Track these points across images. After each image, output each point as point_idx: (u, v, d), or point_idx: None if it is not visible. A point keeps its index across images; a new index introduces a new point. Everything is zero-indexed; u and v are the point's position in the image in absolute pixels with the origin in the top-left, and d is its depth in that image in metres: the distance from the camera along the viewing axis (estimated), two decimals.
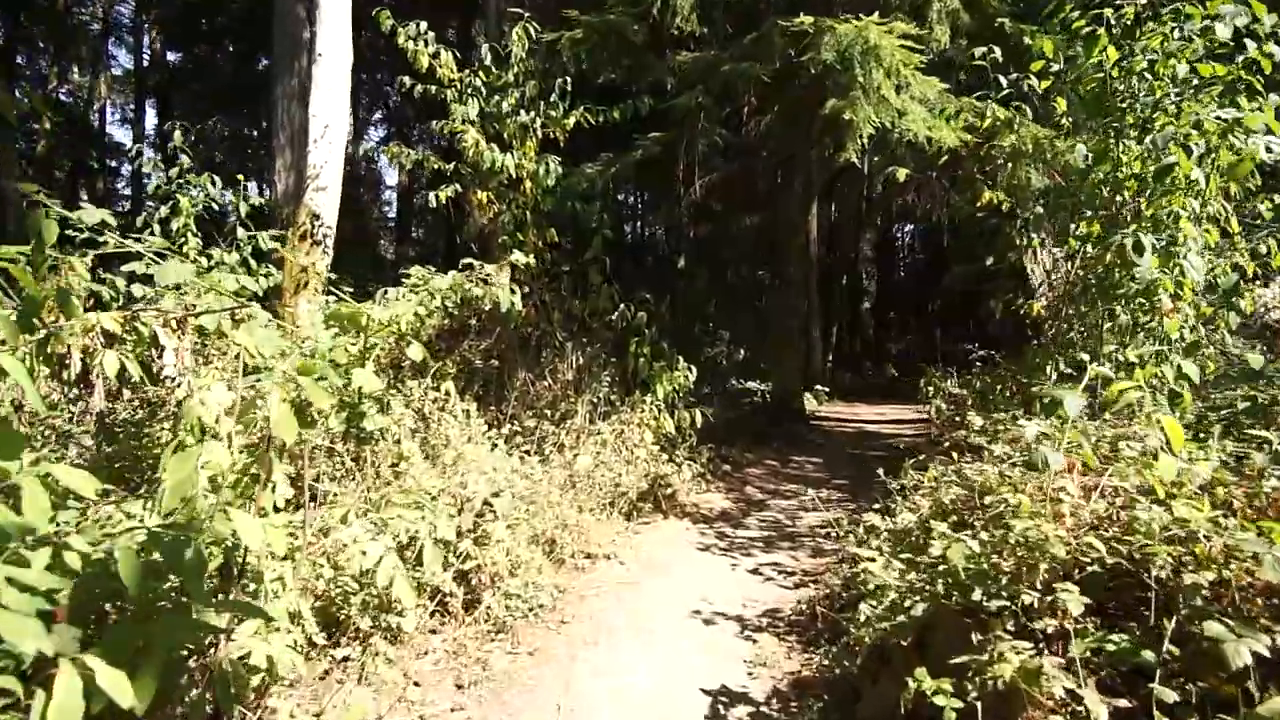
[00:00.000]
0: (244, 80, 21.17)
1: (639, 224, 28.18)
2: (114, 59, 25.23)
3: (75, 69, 23.75)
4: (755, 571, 4.89)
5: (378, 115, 26.79)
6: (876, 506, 4.95)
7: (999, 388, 6.35)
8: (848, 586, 4.18)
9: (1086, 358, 6.36)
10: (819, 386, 14.53)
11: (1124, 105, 4.80)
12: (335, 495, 3.78)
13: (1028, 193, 6.70)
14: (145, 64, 23.84)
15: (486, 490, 4.37)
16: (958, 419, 5.71)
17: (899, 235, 33.46)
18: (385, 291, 5.59)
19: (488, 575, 4.18)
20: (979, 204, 5.85)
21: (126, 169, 25.39)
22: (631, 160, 10.41)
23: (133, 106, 25.69)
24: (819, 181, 15.40)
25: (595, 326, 7.26)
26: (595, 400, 6.75)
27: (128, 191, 25.05)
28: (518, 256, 4.62)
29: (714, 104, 8.56)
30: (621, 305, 6.90)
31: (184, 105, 22.21)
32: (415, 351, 4.21)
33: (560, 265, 7.56)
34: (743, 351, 13.59)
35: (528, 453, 6.28)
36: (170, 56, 23.82)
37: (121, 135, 27.07)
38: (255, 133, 23.20)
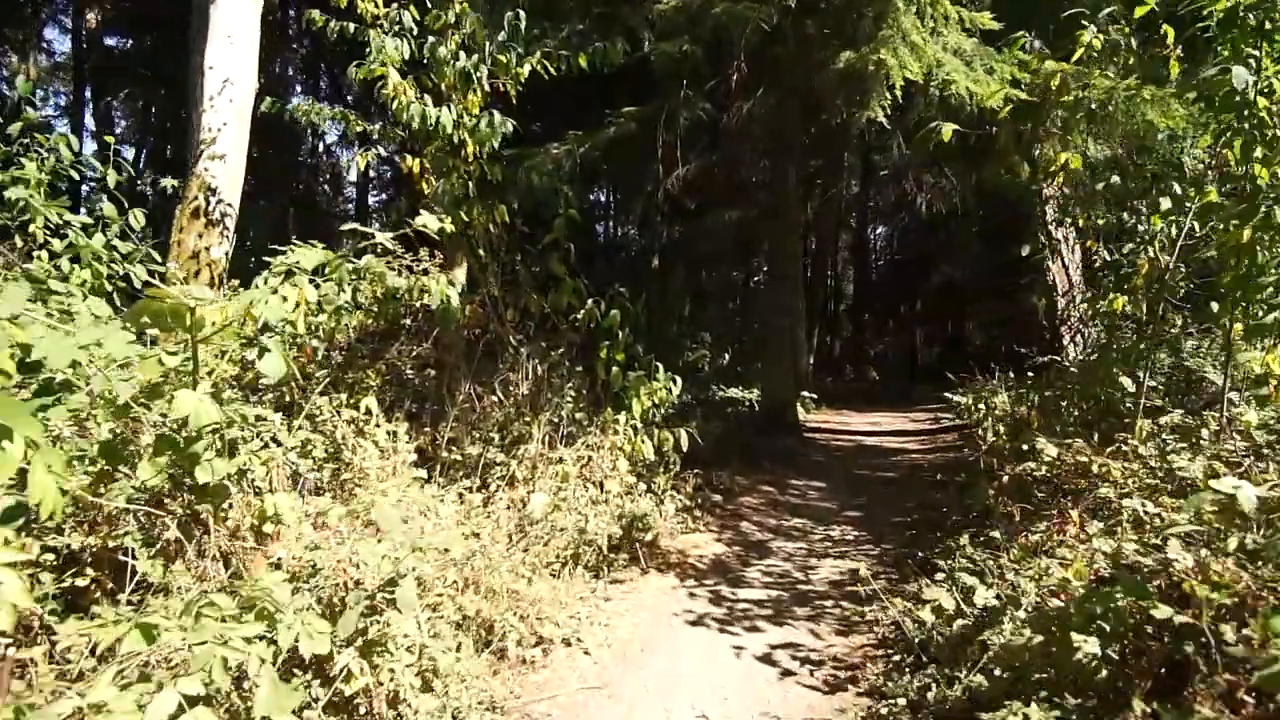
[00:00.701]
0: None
1: (611, 223, 26.78)
2: (48, 43, 23.20)
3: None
4: (768, 659, 3.52)
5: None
6: (939, 576, 3.63)
7: (1065, 404, 5.05)
8: (913, 703, 2.84)
9: (1208, 367, 5.14)
10: (805, 393, 13.24)
11: None
12: (102, 615, 2.34)
13: (1079, 173, 5.43)
14: (83, 48, 21.88)
15: (392, 564, 2.95)
16: (1024, 448, 4.41)
17: (873, 236, 32.49)
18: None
19: (384, 698, 2.77)
20: (1050, 169, 4.52)
21: None
22: (604, 138, 9.03)
23: (70, 93, 23.67)
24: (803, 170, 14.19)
25: (558, 327, 5.88)
26: (556, 420, 5.35)
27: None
28: (426, 219, 3.18)
29: (703, 58, 7.19)
30: (590, 302, 5.51)
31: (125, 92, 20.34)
32: (270, 364, 2.76)
33: (516, 253, 6.17)
34: (726, 355, 12.28)
35: (469, 489, 4.88)
36: (110, 42, 21.90)
37: (62, 126, 25.02)
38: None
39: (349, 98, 20.10)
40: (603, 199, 25.71)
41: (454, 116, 5.00)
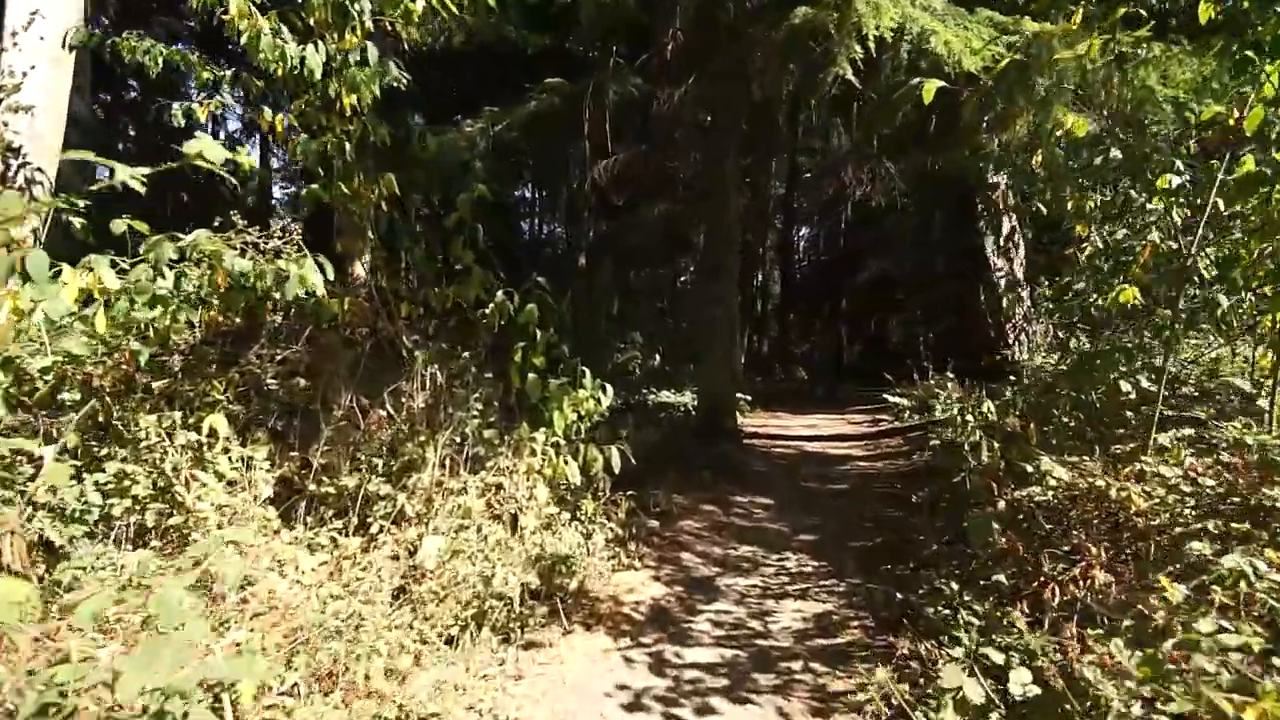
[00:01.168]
0: None
1: (536, 220, 25.58)
2: None
3: None
4: None
5: None
6: (947, 645, 2.81)
7: (1056, 413, 4.36)
8: None
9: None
10: (740, 395, 12.52)
11: None
12: None
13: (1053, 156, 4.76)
14: None
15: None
16: (1027, 469, 3.66)
17: (797, 237, 32.37)
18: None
19: None
20: (1056, 133, 3.79)
21: None
22: (525, 113, 8.00)
23: None
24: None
25: (466, 326, 4.85)
26: (459, 439, 4.32)
27: None
28: (203, 145, 2.14)
29: (635, 6, 6.25)
30: (500, 294, 4.50)
31: None
32: None
33: (414, 238, 5.11)
34: (657, 356, 11.39)
35: (344, 531, 3.81)
36: None
37: None
38: None
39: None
40: (528, 195, 24.57)
41: (323, 56, 3.90)
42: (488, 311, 4.45)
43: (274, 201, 23.20)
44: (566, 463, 4.48)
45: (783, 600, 4.17)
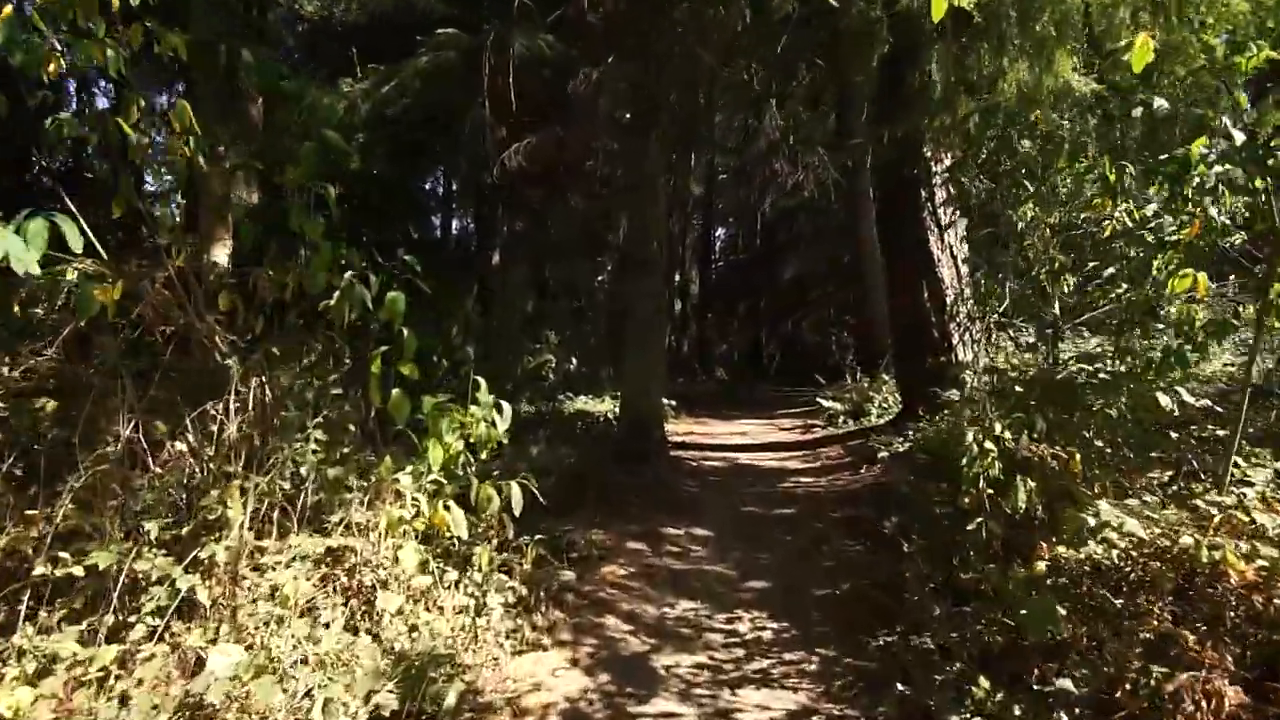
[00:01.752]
0: None
1: (444, 217, 23.82)
2: None
3: None
4: None
5: None
6: None
7: (1091, 439, 3.42)
8: None
9: None
10: (667, 401, 11.48)
11: None
12: None
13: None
14: None
15: None
16: (1088, 520, 2.67)
17: (713, 237, 31.76)
18: None
19: None
20: (1120, 56, 2.83)
21: None
22: (415, 71, 6.64)
23: None
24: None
25: (310, 323, 3.54)
26: (288, 484, 3.02)
27: None
28: None
29: None
30: (350, 278, 3.18)
31: None
32: None
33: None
34: (573, 360, 10.13)
35: (89, 635, 2.47)
36: None
37: None
38: None
39: None
40: (439, 190, 22.84)
41: None
42: (332, 302, 3.13)
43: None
44: (448, 508, 3.25)
45: (741, 689, 3.08)
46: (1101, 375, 3.02)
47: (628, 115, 8.94)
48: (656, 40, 7.74)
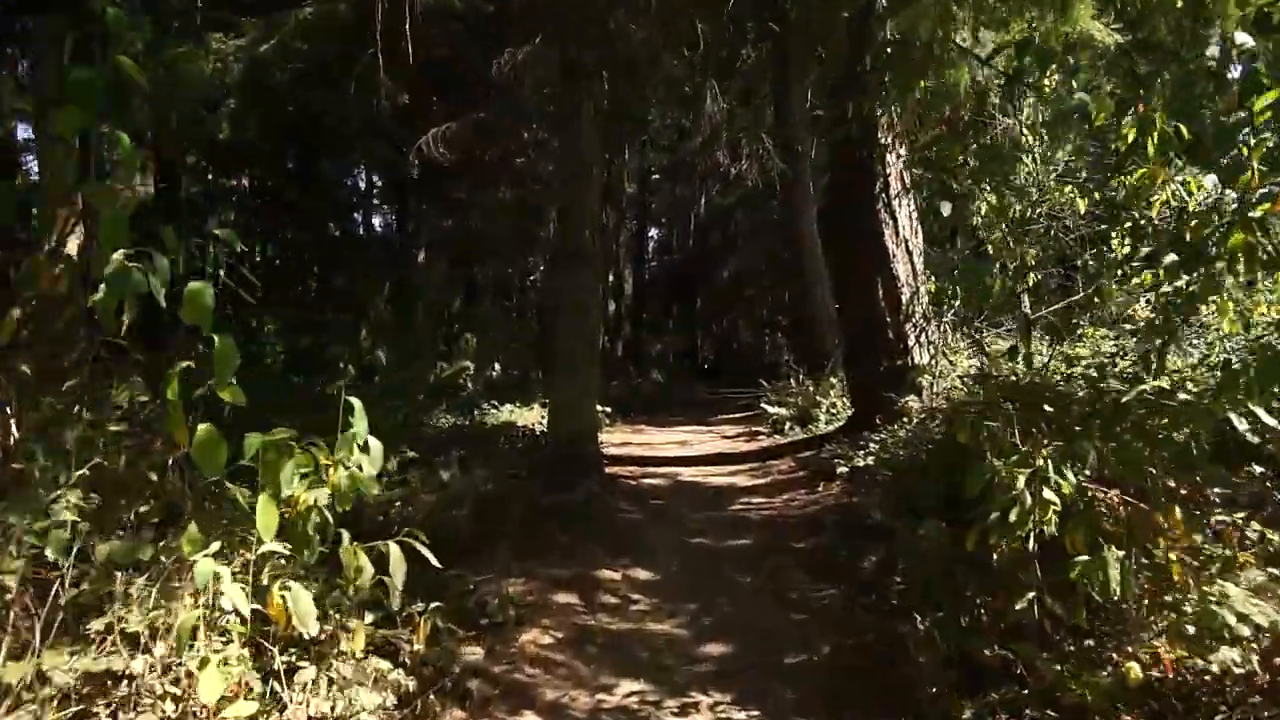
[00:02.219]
0: None
1: (368, 213, 22.21)
2: None
3: None
4: None
5: None
6: None
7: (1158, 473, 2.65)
8: None
9: None
10: (600, 408, 10.56)
11: None
12: None
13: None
14: None
15: None
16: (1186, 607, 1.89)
17: (648, 237, 31.00)
18: None
19: None
20: None
21: None
22: (297, 24, 5.51)
23: None
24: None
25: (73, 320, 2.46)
26: (16, 562, 1.95)
27: None
28: None
29: None
30: (121, 258, 2.10)
31: None
32: None
33: None
34: (495, 366, 9.02)
35: None
36: None
37: None
38: None
39: None
40: (362, 184, 21.28)
41: None
42: (98, 297, 2.06)
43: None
44: (287, 590, 2.25)
45: None
46: (1181, 395, 2.26)
47: (555, 99, 8.02)
48: (586, 11, 6.81)
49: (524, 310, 15.80)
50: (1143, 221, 2.86)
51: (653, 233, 32.22)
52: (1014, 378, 3.85)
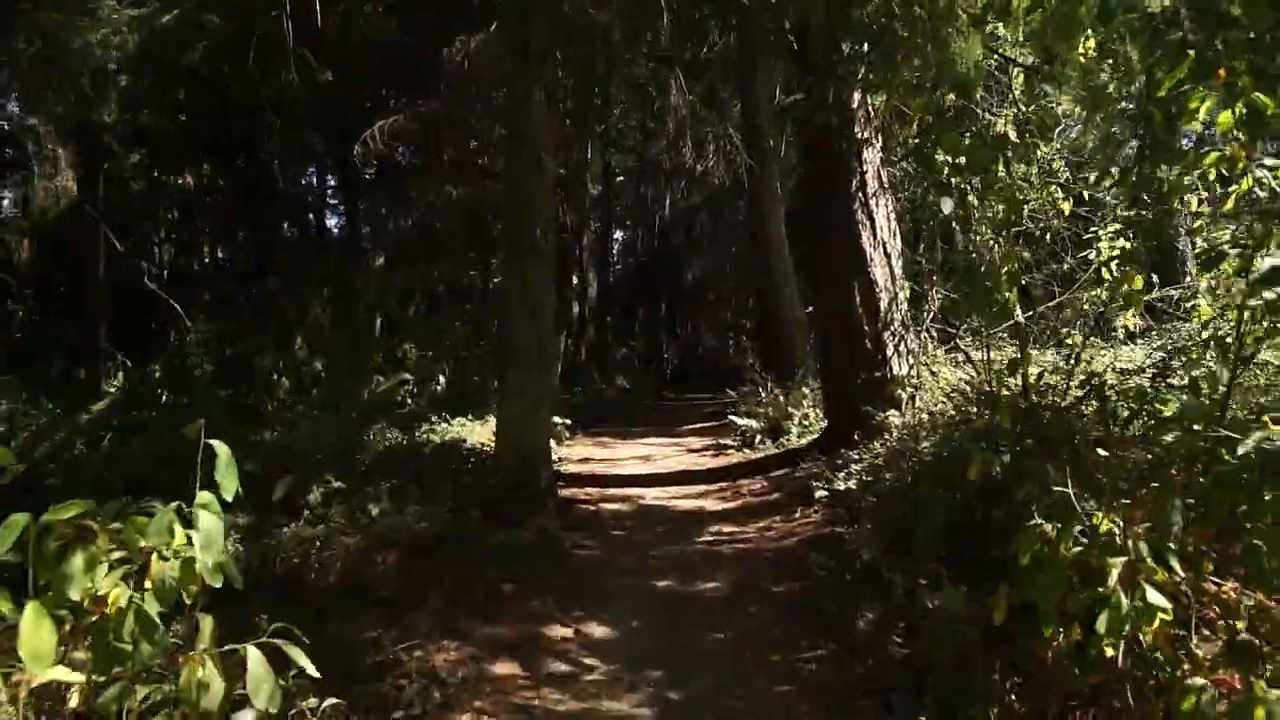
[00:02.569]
0: None
1: (324, 212, 21.05)
2: None
3: None
4: None
5: None
6: None
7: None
8: None
9: None
10: (559, 420, 9.86)
11: None
12: None
13: None
14: None
15: None
16: None
17: (611, 235, 30.24)
18: None
19: None
20: None
21: None
22: None
23: None
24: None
25: None
26: None
27: None
28: None
29: None
30: None
31: None
32: None
33: None
34: (441, 378, 8.17)
35: None
36: None
37: None
38: None
39: None
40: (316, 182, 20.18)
41: None
42: None
43: None
44: None
45: None
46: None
47: (506, 82, 7.30)
48: None
49: (484, 316, 14.93)
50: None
51: (618, 235, 31.58)
52: (1034, 399, 3.27)
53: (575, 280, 23.20)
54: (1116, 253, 3.75)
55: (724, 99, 10.31)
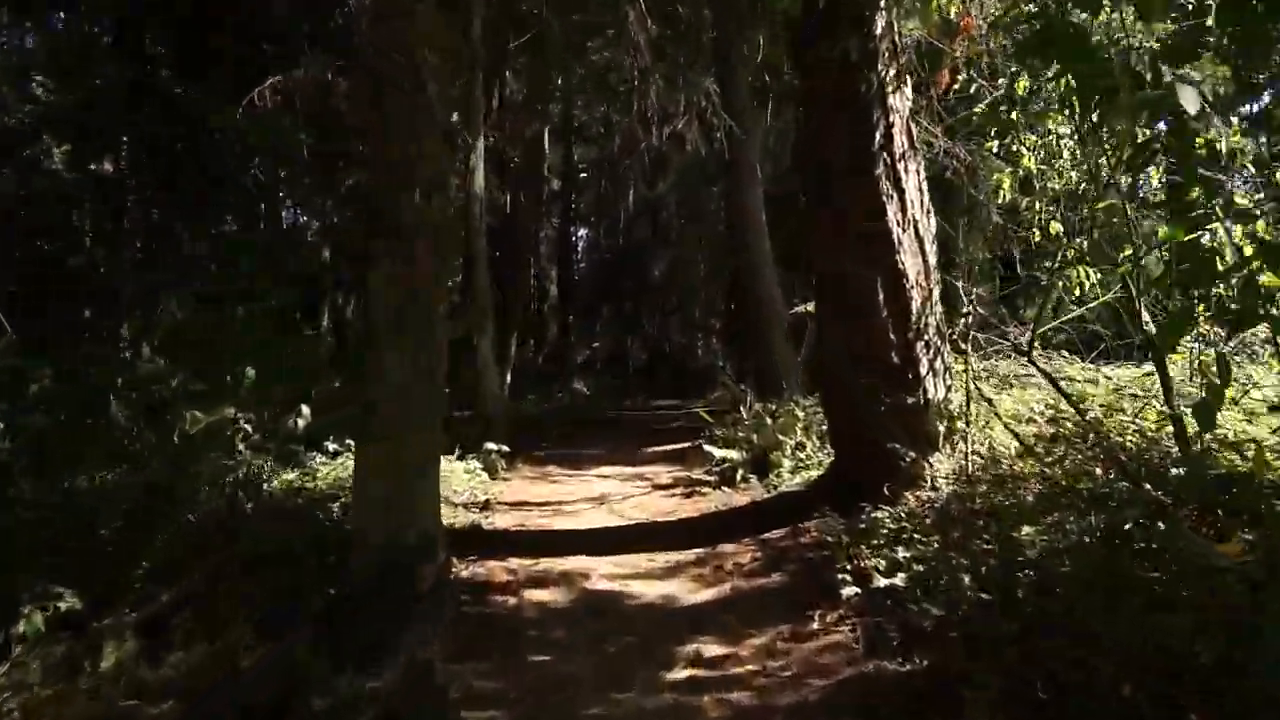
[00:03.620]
0: None
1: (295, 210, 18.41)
2: None
3: None
4: None
5: None
6: None
7: None
8: None
9: None
10: (491, 445, 7.79)
11: None
12: None
13: None
14: None
15: None
16: None
17: (573, 232, 27.99)
18: None
19: None
20: None
21: None
22: None
23: None
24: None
25: None
26: None
27: None
28: None
29: None
30: None
31: None
32: None
33: None
34: (305, 409, 5.89)
35: None
36: None
37: None
38: None
39: None
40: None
41: None
42: None
43: None
44: None
45: None
46: None
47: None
48: None
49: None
50: None
51: (582, 232, 29.48)
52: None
53: (534, 281, 21.01)
54: None
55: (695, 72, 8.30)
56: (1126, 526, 2.51)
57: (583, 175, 26.93)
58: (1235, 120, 3.32)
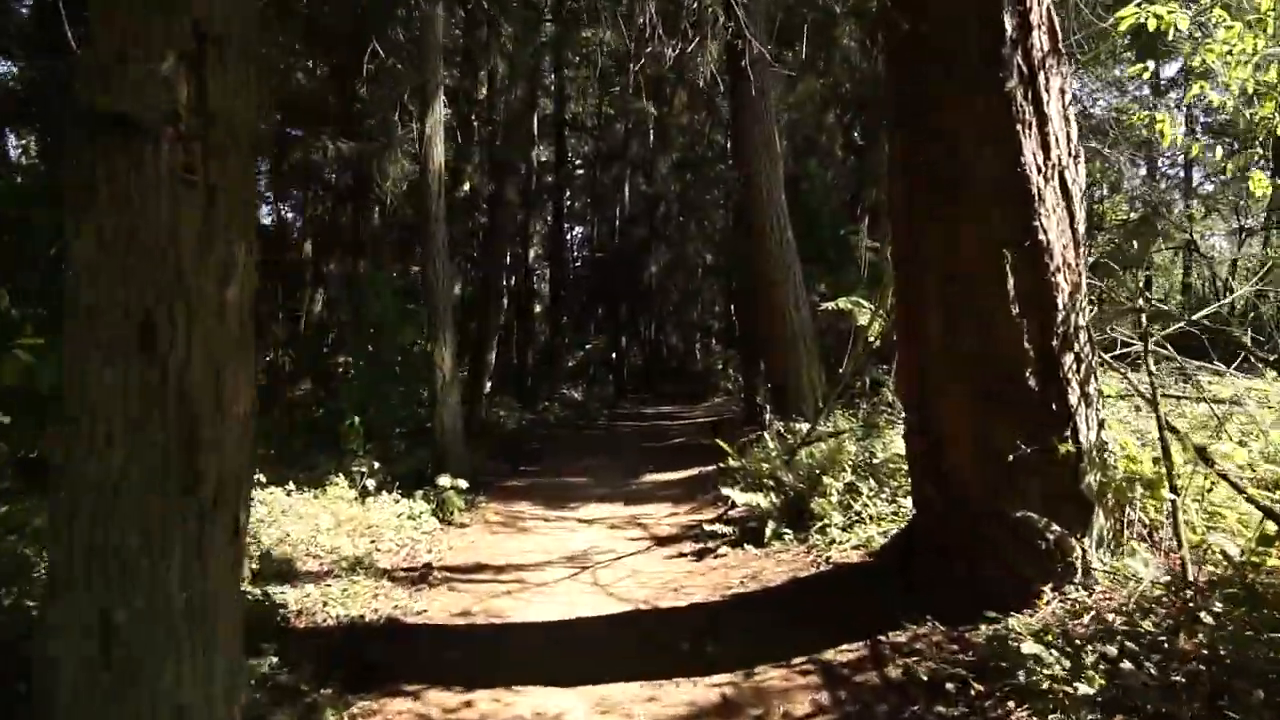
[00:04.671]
0: None
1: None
2: None
3: None
4: None
5: None
6: None
7: None
8: None
9: None
10: (449, 481, 5.92)
11: None
12: None
13: None
14: None
15: None
16: None
17: (566, 229, 26.01)
18: None
19: None
20: None
21: None
22: None
23: None
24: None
25: None
26: None
27: None
28: None
29: None
30: None
31: None
32: None
33: None
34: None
35: None
36: None
37: None
38: None
39: None
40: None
41: None
42: None
43: None
44: None
45: None
46: None
47: None
48: None
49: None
50: None
51: (576, 230, 27.64)
52: None
53: (512, 279, 18.97)
54: None
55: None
56: None
57: (579, 172, 25.09)
58: None
